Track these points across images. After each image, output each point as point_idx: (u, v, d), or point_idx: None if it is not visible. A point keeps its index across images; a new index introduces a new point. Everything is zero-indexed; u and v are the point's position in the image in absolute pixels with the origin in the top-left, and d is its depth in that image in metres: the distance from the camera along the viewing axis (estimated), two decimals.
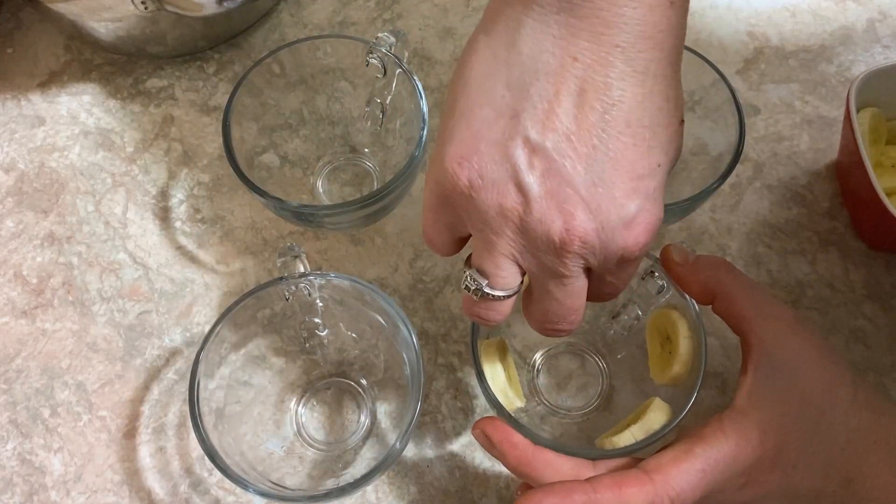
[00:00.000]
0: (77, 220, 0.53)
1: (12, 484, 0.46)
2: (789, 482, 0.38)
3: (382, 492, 0.45)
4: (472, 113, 0.32)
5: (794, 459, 0.37)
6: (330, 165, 0.54)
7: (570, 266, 0.33)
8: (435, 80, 0.57)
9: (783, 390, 0.38)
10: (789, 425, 0.37)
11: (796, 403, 0.38)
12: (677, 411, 0.40)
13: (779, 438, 0.37)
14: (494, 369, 0.41)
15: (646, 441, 0.39)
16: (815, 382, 0.38)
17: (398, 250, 0.52)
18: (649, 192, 0.32)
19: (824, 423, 0.38)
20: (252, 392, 0.46)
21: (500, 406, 0.40)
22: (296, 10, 0.60)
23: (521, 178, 0.31)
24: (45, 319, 0.50)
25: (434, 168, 0.34)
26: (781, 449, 0.37)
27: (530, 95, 0.31)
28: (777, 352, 0.39)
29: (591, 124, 0.31)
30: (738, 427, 0.37)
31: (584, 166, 0.31)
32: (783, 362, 0.39)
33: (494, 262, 0.34)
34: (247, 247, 0.52)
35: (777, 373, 0.38)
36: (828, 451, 0.38)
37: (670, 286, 0.42)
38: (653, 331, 0.44)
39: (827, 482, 0.38)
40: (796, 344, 0.39)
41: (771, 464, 0.37)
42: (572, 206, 0.31)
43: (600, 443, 0.41)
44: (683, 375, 0.41)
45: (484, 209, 0.32)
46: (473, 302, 0.36)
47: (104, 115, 0.56)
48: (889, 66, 0.49)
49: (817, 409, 0.38)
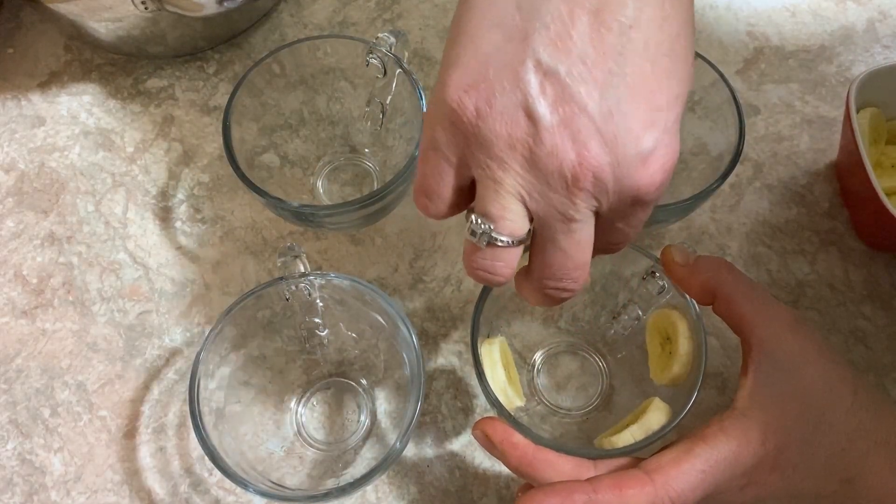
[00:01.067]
0: (77, 220, 0.53)
1: (12, 484, 0.46)
2: (790, 483, 0.37)
3: (382, 492, 0.45)
4: (478, 36, 0.30)
5: (795, 460, 0.37)
6: (330, 165, 0.54)
7: (580, 206, 0.30)
8: (435, 80, 0.57)
9: (784, 391, 0.38)
10: (790, 426, 0.37)
11: (797, 404, 0.38)
12: (677, 412, 0.40)
13: (780, 439, 0.37)
14: (495, 369, 0.41)
15: (645, 441, 0.39)
16: (816, 383, 0.38)
17: (398, 250, 0.52)
18: (668, 125, 0.30)
19: (825, 423, 0.38)
20: (252, 392, 0.46)
21: (500, 405, 0.40)
22: (296, 10, 0.60)
23: (531, 106, 0.29)
24: (45, 319, 0.50)
25: (436, 99, 0.31)
26: (782, 450, 0.37)
27: (542, 16, 0.29)
28: (777, 352, 0.39)
29: (607, 47, 0.28)
30: (739, 428, 0.37)
31: (599, 93, 0.29)
32: (784, 363, 0.38)
33: (501, 203, 0.31)
34: (247, 247, 0.52)
35: (778, 373, 0.38)
36: (828, 452, 0.38)
37: (671, 287, 0.42)
38: (653, 331, 0.44)
39: (827, 482, 0.38)
40: (797, 344, 0.39)
41: (772, 464, 0.37)
42: (586, 136, 0.29)
43: (599, 443, 0.41)
44: (683, 376, 0.41)
45: (491, 140, 0.30)
46: (478, 253, 0.33)
47: (104, 115, 0.56)
48: (889, 66, 0.49)
49: (818, 410, 0.38)
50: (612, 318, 0.47)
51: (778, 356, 0.39)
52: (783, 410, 0.38)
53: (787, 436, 0.37)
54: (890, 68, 0.49)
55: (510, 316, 0.49)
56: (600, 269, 0.47)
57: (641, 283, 0.43)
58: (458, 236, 0.52)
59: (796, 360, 0.39)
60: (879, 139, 0.52)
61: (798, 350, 0.39)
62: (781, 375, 0.38)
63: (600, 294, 0.48)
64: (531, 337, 0.49)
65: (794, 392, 0.38)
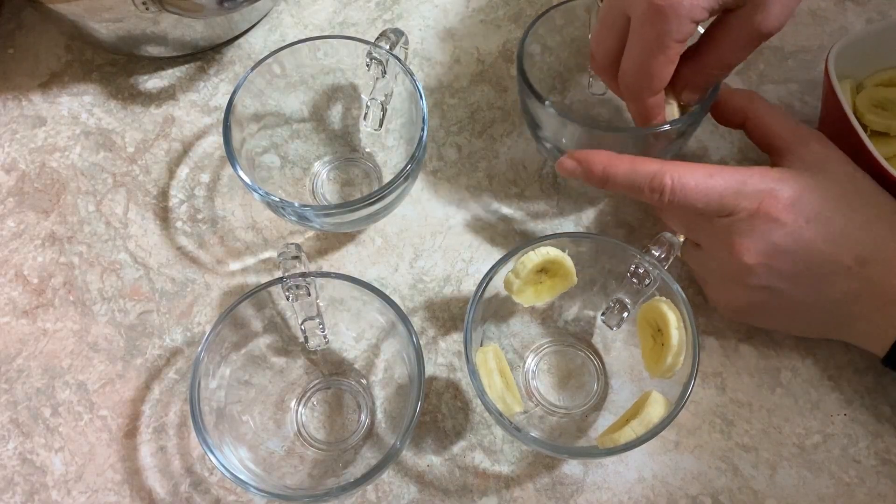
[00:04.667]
0: (78, 220, 0.53)
1: (13, 483, 0.46)
2: (802, 234, 0.41)
3: (382, 491, 0.45)
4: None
5: (809, 213, 0.41)
6: (330, 165, 0.54)
7: None
8: (435, 80, 0.57)
9: (810, 173, 0.43)
10: (811, 185, 0.42)
11: (820, 181, 0.42)
12: (675, 402, 0.40)
13: (798, 187, 0.42)
14: (491, 377, 0.41)
15: (647, 435, 0.39)
16: (839, 176, 0.43)
17: (398, 250, 0.52)
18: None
19: (844, 201, 0.42)
20: (252, 392, 0.46)
21: (498, 414, 0.40)
22: (296, 10, 0.60)
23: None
24: (46, 319, 0.50)
25: None
26: (799, 197, 0.41)
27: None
28: (806, 155, 0.44)
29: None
30: (757, 167, 0.43)
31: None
32: (810, 162, 0.43)
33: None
34: (247, 247, 0.52)
35: (804, 168, 0.43)
36: (845, 222, 0.41)
37: (657, 277, 0.42)
38: (644, 324, 0.44)
39: (842, 253, 0.41)
40: (822, 150, 0.44)
41: (787, 203, 0.41)
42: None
43: (601, 441, 0.41)
44: (677, 366, 0.41)
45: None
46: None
47: (105, 115, 0.57)
48: (862, 32, 0.49)
49: (840, 188, 0.42)
50: (601, 315, 0.47)
51: (806, 158, 0.43)
52: (805, 180, 0.42)
53: (805, 190, 0.41)
54: (863, 36, 0.49)
55: (510, 316, 0.49)
56: (598, 269, 0.47)
57: (626, 277, 0.43)
58: (458, 236, 0.52)
59: (823, 158, 0.43)
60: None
61: (824, 152, 0.44)
62: (809, 168, 0.43)
63: (598, 293, 0.48)
64: (528, 337, 0.49)
65: (819, 176, 0.42)
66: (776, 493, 0.45)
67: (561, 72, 0.54)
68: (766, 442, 0.46)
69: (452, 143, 0.55)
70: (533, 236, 0.52)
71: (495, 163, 0.54)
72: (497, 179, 0.54)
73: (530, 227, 0.52)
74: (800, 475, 0.45)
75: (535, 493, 0.45)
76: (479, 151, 0.55)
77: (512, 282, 0.43)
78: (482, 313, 0.45)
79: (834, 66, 0.47)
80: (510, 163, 0.54)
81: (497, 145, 0.55)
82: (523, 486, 0.45)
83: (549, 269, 0.44)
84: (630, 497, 0.45)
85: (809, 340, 0.48)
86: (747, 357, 0.48)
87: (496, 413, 0.40)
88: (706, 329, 0.49)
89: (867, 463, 0.45)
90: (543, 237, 0.44)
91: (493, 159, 0.54)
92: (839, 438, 0.46)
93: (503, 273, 0.44)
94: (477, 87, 0.57)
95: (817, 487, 0.45)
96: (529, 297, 0.45)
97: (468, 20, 0.60)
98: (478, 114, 0.56)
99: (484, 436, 0.47)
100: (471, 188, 0.54)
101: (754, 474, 0.45)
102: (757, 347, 0.48)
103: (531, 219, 0.52)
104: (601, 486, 0.45)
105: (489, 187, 0.54)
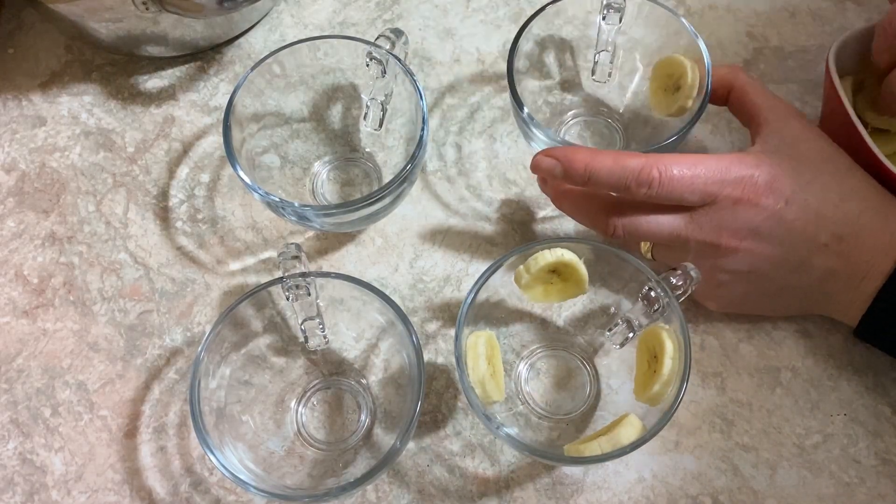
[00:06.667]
0: (78, 220, 0.53)
1: (13, 483, 0.46)
2: (782, 216, 0.43)
3: (382, 491, 0.45)
4: None
5: (787, 194, 0.42)
6: (330, 165, 0.54)
7: None
8: (435, 80, 0.57)
9: (784, 154, 0.44)
10: (785, 167, 0.43)
11: (794, 160, 0.44)
12: (649, 430, 0.40)
13: (773, 171, 0.43)
14: (477, 361, 0.41)
15: (612, 454, 0.39)
16: (812, 152, 0.44)
17: (398, 250, 0.52)
18: None
19: (819, 181, 0.43)
20: (252, 392, 0.46)
21: (475, 398, 0.40)
22: (296, 10, 0.60)
23: None
24: (46, 319, 0.50)
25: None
26: (776, 178, 0.43)
27: None
28: (784, 130, 0.45)
29: None
30: (734, 153, 0.44)
31: None
32: (787, 137, 0.45)
33: None
34: (247, 247, 0.52)
35: (782, 145, 0.44)
36: (820, 203, 0.43)
37: (667, 306, 0.42)
38: (643, 347, 0.44)
39: (819, 231, 0.43)
40: (799, 126, 0.45)
41: (764, 187, 0.42)
42: None
43: (568, 448, 0.41)
44: (663, 395, 0.41)
45: None
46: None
47: (105, 115, 0.57)
48: (861, 30, 0.49)
49: (814, 170, 0.44)
50: (606, 331, 0.46)
51: (784, 133, 0.45)
52: (780, 162, 0.43)
53: (782, 170, 0.43)
54: (864, 32, 0.49)
55: (510, 315, 0.49)
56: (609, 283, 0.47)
57: (638, 300, 0.43)
58: (458, 236, 0.52)
59: (798, 136, 0.45)
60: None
61: (800, 129, 0.45)
62: (784, 146, 0.44)
63: (598, 296, 0.48)
64: (527, 337, 0.49)
65: (794, 155, 0.44)
66: (776, 493, 0.45)
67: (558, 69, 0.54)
68: (766, 442, 0.46)
69: (452, 143, 0.55)
70: (533, 237, 0.52)
71: (495, 163, 0.54)
72: (497, 179, 0.54)
73: (530, 228, 0.52)
74: (800, 475, 0.45)
75: (535, 494, 0.45)
76: (479, 151, 0.55)
77: (522, 275, 0.43)
78: (476, 314, 0.45)
79: (834, 63, 0.47)
80: (510, 163, 0.54)
81: (497, 145, 0.55)
82: (523, 487, 0.45)
83: (561, 272, 0.44)
84: (630, 497, 0.45)
85: (809, 340, 0.48)
86: (747, 357, 0.48)
87: (471, 393, 0.40)
88: (706, 329, 0.49)
89: (867, 463, 0.45)
90: (563, 238, 0.44)
91: (493, 159, 0.54)
92: (839, 438, 0.46)
93: (500, 274, 0.44)
94: (477, 87, 0.57)
95: (817, 487, 0.45)
96: (537, 294, 0.45)
97: (468, 20, 0.60)
98: (478, 114, 0.56)
99: (484, 436, 0.47)
100: (471, 188, 0.54)
101: (754, 474, 0.45)
102: (757, 347, 0.48)
103: (531, 219, 0.52)
104: (601, 486, 0.45)
105: (489, 187, 0.54)
